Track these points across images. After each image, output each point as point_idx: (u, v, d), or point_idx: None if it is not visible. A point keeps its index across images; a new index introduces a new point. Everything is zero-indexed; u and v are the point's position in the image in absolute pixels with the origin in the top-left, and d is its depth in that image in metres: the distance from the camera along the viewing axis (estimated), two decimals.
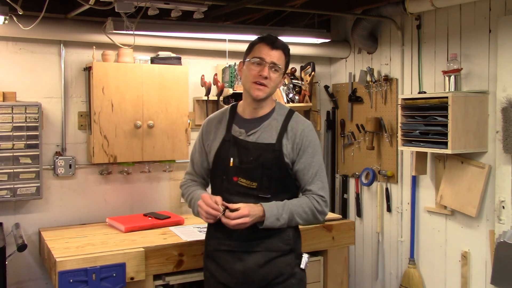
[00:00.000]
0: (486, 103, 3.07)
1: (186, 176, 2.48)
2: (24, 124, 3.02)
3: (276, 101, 2.34)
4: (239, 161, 2.21)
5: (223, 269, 2.25)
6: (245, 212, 2.09)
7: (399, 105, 3.28)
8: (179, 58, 3.46)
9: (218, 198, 2.17)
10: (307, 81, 3.92)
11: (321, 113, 4.23)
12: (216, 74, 3.59)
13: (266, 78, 2.18)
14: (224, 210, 2.13)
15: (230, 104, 2.42)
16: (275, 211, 2.16)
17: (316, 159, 2.25)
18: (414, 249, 3.58)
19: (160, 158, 3.38)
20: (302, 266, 2.28)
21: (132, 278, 2.60)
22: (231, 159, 2.22)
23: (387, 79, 3.73)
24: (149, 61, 3.38)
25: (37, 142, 3.06)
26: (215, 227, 2.26)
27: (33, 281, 3.23)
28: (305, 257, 2.31)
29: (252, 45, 2.26)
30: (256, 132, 2.24)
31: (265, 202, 2.17)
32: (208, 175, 2.41)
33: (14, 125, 2.99)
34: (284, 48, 2.25)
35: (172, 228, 3.11)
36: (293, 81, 3.97)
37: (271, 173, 2.19)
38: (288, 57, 2.28)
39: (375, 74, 3.85)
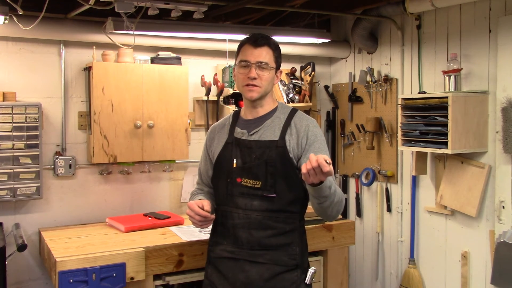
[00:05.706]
0: (486, 103, 3.07)
1: (196, 186, 2.48)
2: (24, 124, 3.02)
3: (279, 102, 2.32)
4: (242, 161, 2.19)
5: (224, 277, 2.20)
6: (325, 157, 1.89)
7: (399, 105, 3.28)
8: (179, 58, 3.46)
9: (205, 202, 2.15)
10: (307, 81, 3.92)
11: (321, 113, 4.23)
12: (216, 74, 3.59)
13: (255, 78, 2.16)
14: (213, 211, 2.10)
15: (234, 111, 2.41)
16: (330, 178, 2.00)
17: (324, 154, 2.13)
18: (414, 249, 3.58)
19: (160, 158, 3.38)
20: (307, 281, 2.21)
21: (132, 278, 2.59)
22: (234, 160, 2.20)
23: (387, 79, 3.73)
24: (149, 61, 3.38)
25: (37, 142, 3.06)
26: (220, 234, 2.24)
27: (33, 281, 3.23)
28: (310, 271, 2.22)
29: (239, 47, 2.24)
30: (259, 131, 2.21)
31: (270, 202, 2.13)
32: None
33: (14, 125, 2.99)
34: (269, 43, 2.20)
35: (172, 228, 3.11)
36: (293, 81, 3.97)
37: (275, 171, 2.13)
38: (276, 51, 2.23)
39: (375, 74, 3.85)
